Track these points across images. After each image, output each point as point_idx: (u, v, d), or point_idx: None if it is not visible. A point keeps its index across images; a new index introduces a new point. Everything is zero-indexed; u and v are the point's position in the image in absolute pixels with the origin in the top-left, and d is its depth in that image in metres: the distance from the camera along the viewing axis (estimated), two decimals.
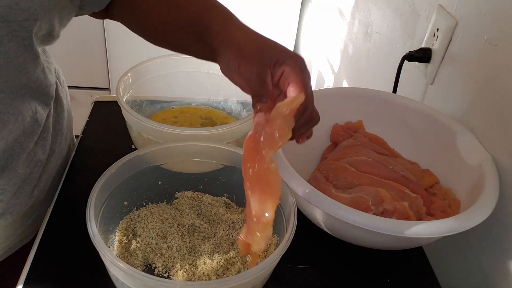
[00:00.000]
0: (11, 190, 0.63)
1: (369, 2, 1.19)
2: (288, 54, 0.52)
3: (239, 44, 0.53)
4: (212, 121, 0.86)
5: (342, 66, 1.44)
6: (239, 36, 0.54)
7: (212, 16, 0.58)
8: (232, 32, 0.55)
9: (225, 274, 0.57)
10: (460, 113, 0.75)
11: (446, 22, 0.78)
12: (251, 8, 1.83)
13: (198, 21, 0.58)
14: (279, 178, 0.48)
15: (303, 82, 0.50)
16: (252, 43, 0.53)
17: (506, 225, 0.63)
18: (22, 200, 0.66)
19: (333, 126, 0.81)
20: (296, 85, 0.50)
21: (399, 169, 0.71)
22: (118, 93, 0.73)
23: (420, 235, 0.55)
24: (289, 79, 0.51)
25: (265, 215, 0.47)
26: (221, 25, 0.56)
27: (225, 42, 0.55)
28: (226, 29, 0.56)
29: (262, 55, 0.52)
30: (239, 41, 0.54)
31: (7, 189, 0.62)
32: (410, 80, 0.92)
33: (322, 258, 0.66)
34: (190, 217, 0.65)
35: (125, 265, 0.47)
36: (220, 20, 0.57)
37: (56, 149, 0.71)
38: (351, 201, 0.63)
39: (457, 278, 0.73)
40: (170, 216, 0.64)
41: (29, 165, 0.64)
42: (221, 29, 0.56)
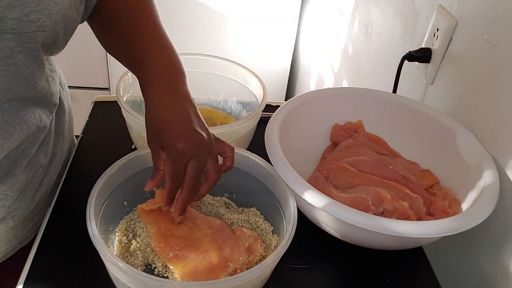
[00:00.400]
0: (13, 195, 0.63)
1: (369, 2, 1.19)
2: (168, 144, 0.54)
3: (147, 117, 0.57)
4: (212, 121, 0.86)
5: (342, 66, 1.44)
6: (149, 105, 0.57)
7: (150, 60, 0.60)
8: (149, 97, 0.58)
9: (224, 273, 0.57)
10: (460, 113, 0.75)
11: (446, 22, 0.78)
12: (251, 8, 1.83)
13: (138, 59, 0.61)
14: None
15: (168, 174, 0.55)
16: (152, 119, 0.56)
17: (506, 225, 0.63)
18: (24, 204, 0.66)
19: (333, 126, 0.81)
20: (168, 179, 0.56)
21: (399, 169, 0.71)
22: (118, 93, 0.73)
23: (420, 235, 0.55)
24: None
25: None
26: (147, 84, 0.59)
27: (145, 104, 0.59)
28: (147, 92, 0.59)
29: (154, 134, 0.56)
30: (148, 117, 0.57)
31: (9, 194, 0.62)
32: (410, 80, 0.92)
33: (322, 258, 0.66)
34: None
35: (125, 265, 0.47)
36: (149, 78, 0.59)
37: (57, 153, 0.72)
38: (351, 201, 0.62)
39: (457, 278, 0.73)
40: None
41: (31, 170, 0.64)
42: (145, 87, 0.59)
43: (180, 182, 0.56)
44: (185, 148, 0.54)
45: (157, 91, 0.58)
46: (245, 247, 0.59)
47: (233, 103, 0.89)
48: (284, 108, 0.73)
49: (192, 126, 0.55)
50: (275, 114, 0.71)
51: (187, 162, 0.55)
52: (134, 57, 0.62)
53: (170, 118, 0.55)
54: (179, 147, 0.53)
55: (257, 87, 0.81)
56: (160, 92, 0.57)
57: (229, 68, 0.83)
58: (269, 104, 0.98)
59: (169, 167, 0.55)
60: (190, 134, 0.54)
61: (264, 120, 0.73)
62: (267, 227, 0.64)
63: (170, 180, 0.55)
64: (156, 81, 0.58)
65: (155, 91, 0.58)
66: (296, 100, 0.76)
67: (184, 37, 1.84)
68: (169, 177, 0.55)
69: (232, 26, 1.86)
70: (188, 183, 0.55)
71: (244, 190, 0.67)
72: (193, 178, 0.55)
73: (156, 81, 0.58)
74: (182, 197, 0.57)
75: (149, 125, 0.57)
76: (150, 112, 0.57)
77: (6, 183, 0.61)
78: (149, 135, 0.57)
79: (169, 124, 0.55)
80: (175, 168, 0.55)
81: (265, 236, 0.63)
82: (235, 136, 0.72)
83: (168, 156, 0.55)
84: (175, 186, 0.56)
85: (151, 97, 0.58)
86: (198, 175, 0.56)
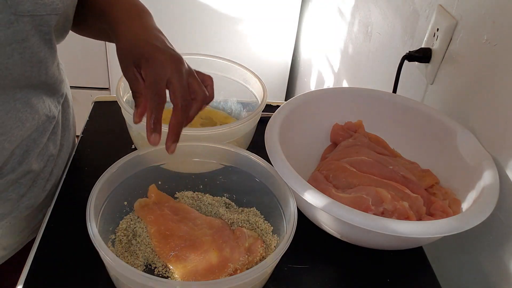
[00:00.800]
0: (26, 184, 0.65)
1: (369, 2, 1.19)
2: (144, 55, 0.54)
3: (118, 40, 0.58)
4: (212, 121, 0.86)
5: (342, 66, 1.44)
6: (120, 32, 0.58)
7: (114, 12, 0.61)
8: (118, 25, 0.59)
9: (224, 273, 0.57)
10: (460, 113, 0.75)
11: (446, 22, 0.78)
12: (251, 8, 1.83)
13: (104, 18, 0.62)
14: None
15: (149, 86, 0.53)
16: (125, 41, 0.57)
17: (506, 225, 0.63)
18: (36, 193, 0.68)
19: (333, 126, 0.81)
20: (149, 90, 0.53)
21: (399, 169, 0.71)
22: (118, 93, 0.73)
23: (420, 235, 0.55)
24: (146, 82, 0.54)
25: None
26: (114, 14, 0.61)
27: (113, 35, 0.60)
28: (117, 19, 0.60)
29: (129, 54, 0.56)
30: (119, 38, 0.58)
31: (23, 183, 0.64)
32: (410, 80, 0.92)
33: (322, 258, 0.66)
34: None
35: (125, 265, 0.47)
36: (118, 18, 0.60)
37: (64, 144, 0.74)
38: (351, 201, 0.62)
39: (457, 278, 0.73)
40: None
41: (42, 159, 0.66)
42: (113, 19, 0.60)
43: (163, 96, 0.53)
44: (164, 59, 0.53)
45: (127, 21, 0.59)
46: (245, 247, 0.59)
47: (233, 103, 0.89)
48: (284, 108, 0.73)
49: (166, 44, 0.56)
50: (275, 114, 0.71)
51: (168, 77, 0.53)
52: (107, 21, 0.62)
53: (145, 36, 0.56)
54: (158, 58, 0.53)
55: (257, 87, 0.81)
56: (131, 22, 0.59)
57: (229, 68, 0.83)
58: (269, 104, 0.98)
59: (150, 78, 0.53)
60: (166, 49, 0.55)
61: (264, 120, 0.73)
62: (267, 227, 0.64)
63: (152, 92, 0.52)
64: (125, 18, 0.60)
65: (126, 22, 0.59)
66: (296, 100, 0.76)
67: (184, 37, 1.84)
68: (151, 88, 0.52)
69: (232, 26, 1.86)
70: (179, 100, 0.53)
71: (244, 190, 0.67)
72: (182, 95, 0.53)
73: (125, 18, 0.60)
74: (175, 120, 0.53)
75: (123, 50, 0.57)
76: (122, 36, 0.57)
77: (19, 172, 0.63)
78: (124, 61, 0.56)
79: (143, 41, 0.55)
80: (157, 78, 0.53)
81: (265, 236, 0.63)
82: (235, 136, 0.72)
83: (148, 71, 0.53)
84: (158, 100, 0.52)
85: (121, 27, 0.59)
86: (186, 91, 0.54)
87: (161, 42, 0.56)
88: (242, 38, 1.89)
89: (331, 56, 1.54)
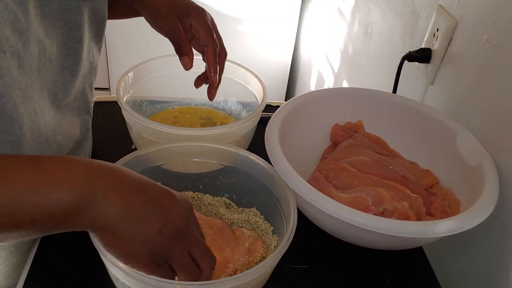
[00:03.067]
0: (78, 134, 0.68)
1: (369, 2, 1.19)
2: (193, 7, 0.68)
3: (153, 3, 0.67)
4: (212, 121, 0.86)
5: (342, 66, 1.44)
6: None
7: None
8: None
9: (224, 274, 0.57)
10: (460, 113, 0.75)
11: (446, 22, 0.78)
12: (251, 8, 1.83)
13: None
14: None
15: (208, 29, 0.67)
16: (163, 2, 0.67)
17: (506, 225, 0.63)
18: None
19: (333, 126, 0.81)
20: (203, 33, 0.67)
21: (399, 169, 0.71)
22: (118, 93, 0.73)
23: (420, 235, 0.55)
24: (197, 29, 0.67)
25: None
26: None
27: (143, 3, 0.68)
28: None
29: (172, 10, 0.66)
30: (153, 1, 0.67)
31: (75, 133, 0.67)
32: (410, 80, 0.92)
33: (322, 258, 0.66)
34: None
35: (125, 265, 0.47)
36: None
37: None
38: (351, 201, 0.62)
39: (457, 278, 0.73)
40: None
41: (82, 116, 0.70)
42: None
43: (215, 42, 0.68)
44: (203, 11, 0.68)
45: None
46: (245, 248, 0.59)
47: (233, 103, 0.89)
48: (284, 108, 0.73)
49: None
50: (275, 114, 0.71)
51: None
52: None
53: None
54: (200, 10, 0.67)
55: (257, 87, 0.81)
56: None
57: (229, 68, 0.83)
58: (269, 104, 0.98)
59: (204, 26, 0.66)
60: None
61: (264, 120, 0.73)
62: (267, 227, 0.64)
63: (213, 41, 0.67)
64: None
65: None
66: (296, 100, 0.76)
67: None
68: (210, 34, 0.67)
69: (232, 26, 1.86)
70: (219, 38, 0.71)
71: (244, 190, 0.67)
72: (213, 38, 0.68)
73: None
74: (213, 55, 0.68)
75: (163, 7, 0.66)
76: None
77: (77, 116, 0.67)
78: (166, 17, 0.66)
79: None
80: (209, 26, 0.67)
81: (265, 237, 0.63)
82: (235, 136, 0.72)
83: (198, 18, 0.66)
84: (217, 43, 0.68)
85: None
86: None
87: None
88: (242, 38, 1.89)
89: (331, 56, 1.54)
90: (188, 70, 0.68)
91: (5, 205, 0.37)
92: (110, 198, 0.40)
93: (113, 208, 0.41)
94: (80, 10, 0.56)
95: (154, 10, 0.67)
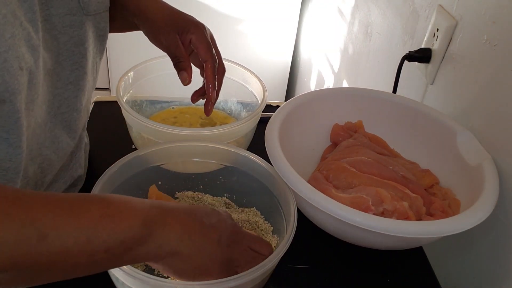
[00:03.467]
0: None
1: (369, 2, 1.19)
2: (192, 22, 0.67)
3: (152, 18, 0.67)
4: (212, 121, 0.86)
5: (342, 66, 1.44)
6: (152, 11, 0.67)
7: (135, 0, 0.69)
8: (147, 8, 0.68)
9: None
10: (460, 113, 0.75)
11: (446, 22, 0.78)
12: (251, 8, 1.83)
13: (117, 2, 0.68)
14: None
15: (207, 44, 0.67)
16: (163, 16, 0.67)
17: (506, 225, 0.63)
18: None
19: (333, 126, 0.81)
20: (203, 49, 0.66)
21: (399, 169, 0.71)
22: (118, 93, 0.73)
23: (420, 235, 0.55)
24: (196, 44, 0.66)
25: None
26: (136, 2, 0.68)
27: (141, 18, 0.68)
28: (141, 6, 0.68)
29: (171, 25, 0.66)
30: (152, 16, 0.67)
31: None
32: (410, 80, 0.92)
33: (322, 258, 0.66)
34: None
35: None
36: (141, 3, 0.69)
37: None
38: (351, 201, 0.62)
39: (457, 278, 0.73)
40: None
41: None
42: (137, 7, 0.68)
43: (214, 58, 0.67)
44: (202, 27, 0.67)
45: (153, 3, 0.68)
46: None
47: (233, 103, 0.89)
48: (284, 108, 0.73)
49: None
50: (275, 114, 0.71)
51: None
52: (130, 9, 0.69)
53: (177, 11, 0.68)
54: (199, 25, 0.67)
55: (257, 87, 0.81)
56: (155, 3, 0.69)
57: (229, 68, 0.83)
58: (269, 104, 0.98)
59: (204, 42, 0.66)
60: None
61: (264, 120, 0.73)
62: (267, 227, 0.64)
63: (212, 57, 0.67)
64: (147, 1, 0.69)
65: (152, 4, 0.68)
66: (296, 100, 0.76)
67: None
68: (210, 50, 0.66)
69: (232, 26, 1.86)
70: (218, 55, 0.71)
71: (244, 190, 0.67)
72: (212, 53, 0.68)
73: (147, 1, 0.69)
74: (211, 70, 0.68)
75: (162, 22, 0.66)
76: (157, 13, 0.67)
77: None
78: (166, 31, 0.66)
79: (180, 14, 0.68)
80: (208, 42, 0.67)
81: (265, 237, 0.63)
82: (235, 136, 0.72)
83: (198, 33, 0.66)
84: (215, 59, 0.68)
85: (151, 8, 0.68)
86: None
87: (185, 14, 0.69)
88: (242, 38, 1.89)
89: (331, 56, 1.54)
90: (186, 85, 0.66)
91: (84, 233, 0.39)
92: (168, 223, 0.44)
93: (173, 231, 0.44)
94: (83, 24, 0.56)
95: (154, 24, 0.67)
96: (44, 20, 0.51)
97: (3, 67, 0.42)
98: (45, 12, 0.51)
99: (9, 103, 0.44)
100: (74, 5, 0.54)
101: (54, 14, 0.52)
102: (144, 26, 0.69)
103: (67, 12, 0.53)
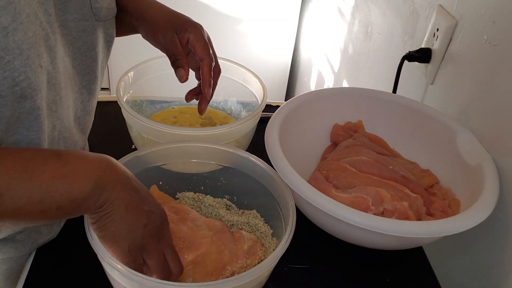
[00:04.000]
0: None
1: (369, 2, 1.19)
2: (190, 22, 0.69)
3: (151, 18, 0.69)
4: (212, 121, 0.86)
5: (342, 66, 1.44)
6: (151, 12, 0.69)
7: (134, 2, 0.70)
8: (146, 9, 0.69)
9: (222, 276, 0.57)
10: (460, 113, 0.75)
11: (446, 22, 0.78)
12: (251, 8, 1.83)
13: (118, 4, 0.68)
14: None
15: (204, 44, 0.68)
16: (162, 16, 0.69)
17: (506, 225, 0.63)
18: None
19: (333, 126, 0.81)
20: (200, 48, 0.67)
21: (399, 169, 0.71)
22: (118, 93, 0.73)
23: (420, 235, 0.55)
24: (194, 43, 0.67)
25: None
26: (134, 5, 0.70)
27: (140, 19, 0.70)
28: (140, 7, 0.70)
29: (169, 24, 0.68)
30: (151, 16, 0.69)
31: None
32: (410, 80, 0.92)
33: (322, 258, 0.66)
34: None
35: (123, 266, 0.47)
36: (133, 1, 0.70)
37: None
38: (351, 201, 0.62)
39: (457, 278, 0.73)
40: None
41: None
42: (135, 8, 0.69)
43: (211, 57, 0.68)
44: (200, 27, 0.68)
45: (153, 4, 0.70)
46: (244, 250, 0.58)
47: (233, 103, 0.89)
48: (284, 108, 0.73)
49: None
50: (275, 114, 0.71)
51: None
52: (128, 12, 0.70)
53: (174, 11, 0.70)
54: (197, 26, 0.68)
55: (257, 87, 0.81)
56: (154, 4, 0.70)
57: (229, 68, 0.83)
58: (269, 104, 0.98)
59: (202, 41, 0.67)
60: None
61: (264, 120, 0.73)
62: (266, 230, 0.64)
63: (209, 56, 0.67)
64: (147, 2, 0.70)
65: (152, 5, 0.70)
66: (296, 100, 0.76)
67: None
68: (206, 49, 0.67)
69: (232, 26, 1.86)
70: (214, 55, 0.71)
71: (244, 191, 0.67)
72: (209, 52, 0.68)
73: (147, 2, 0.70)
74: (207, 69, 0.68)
75: (161, 21, 0.68)
76: (158, 10, 0.69)
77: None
78: (164, 30, 0.67)
79: (179, 14, 0.69)
80: (205, 41, 0.67)
81: (265, 239, 0.62)
82: (235, 136, 0.72)
83: (196, 33, 0.67)
84: (212, 58, 0.68)
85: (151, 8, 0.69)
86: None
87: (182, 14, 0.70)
88: (242, 38, 1.89)
89: (331, 56, 1.54)
90: (183, 82, 0.68)
91: (36, 193, 0.42)
92: (117, 189, 0.47)
93: (118, 199, 0.47)
94: (95, 30, 0.58)
95: (152, 24, 0.68)
96: (61, 26, 0.53)
97: (26, 64, 0.44)
98: (61, 18, 0.52)
99: (30, 100, 0.46)
100: (87, 10, 0.56)
101: (69, 20, 0.54)
102: (142, 27, 0.70)
103: (81, 17, 0.55)
